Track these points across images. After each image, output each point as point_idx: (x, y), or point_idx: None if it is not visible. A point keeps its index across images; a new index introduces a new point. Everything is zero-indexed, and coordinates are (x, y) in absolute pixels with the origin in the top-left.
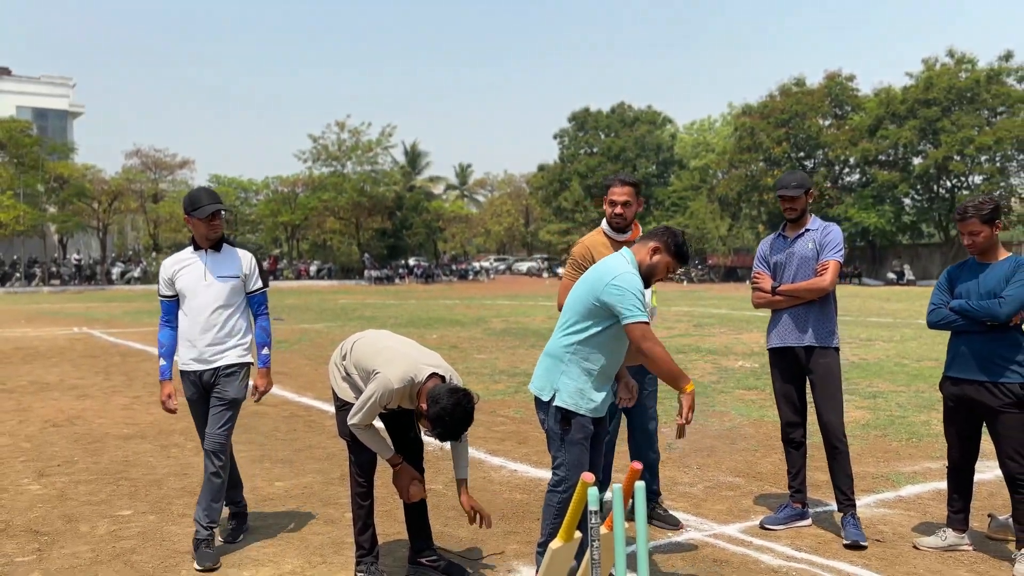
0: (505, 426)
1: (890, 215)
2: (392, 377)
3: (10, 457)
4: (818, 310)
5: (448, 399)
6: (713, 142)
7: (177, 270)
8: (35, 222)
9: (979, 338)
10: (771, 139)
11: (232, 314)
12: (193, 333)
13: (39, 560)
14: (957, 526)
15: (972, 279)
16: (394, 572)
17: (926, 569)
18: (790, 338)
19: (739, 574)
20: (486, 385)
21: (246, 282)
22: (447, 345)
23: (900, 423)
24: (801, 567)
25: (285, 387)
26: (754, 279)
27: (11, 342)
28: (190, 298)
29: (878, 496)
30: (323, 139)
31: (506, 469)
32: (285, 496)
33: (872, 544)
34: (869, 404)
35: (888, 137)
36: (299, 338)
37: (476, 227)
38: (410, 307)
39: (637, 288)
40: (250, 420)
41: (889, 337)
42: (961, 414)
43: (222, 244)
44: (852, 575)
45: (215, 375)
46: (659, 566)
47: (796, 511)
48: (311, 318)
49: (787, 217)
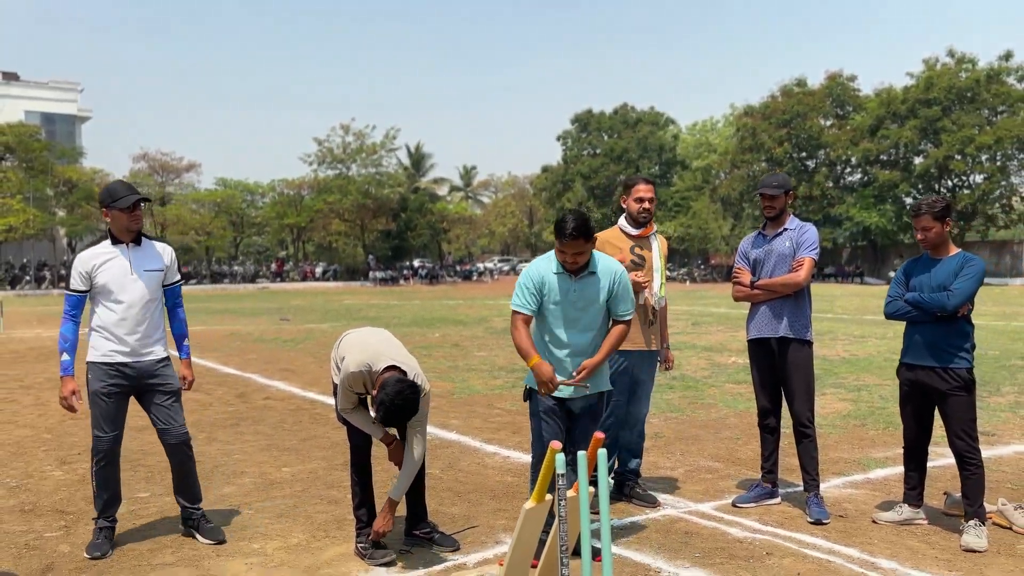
0: (501, 418)
1: (891, 214)
2: (351, 362)
3: (33, 447)
4: (793, 304)
5: (393, 387)
6: (715, 142)
7: (98, 264)
8: (44, 226)
9: (931, 328)
10: (773, 139)
11: (157, 307)
12: (122, 328)
13: (66, 535)
14: (912, 501)
15: (925, 273)
16: (391, 544)
17: (881, 540)
18: (766, 330)
19: (707, 544)
20: (485, 380)
21: (166, 274)
22: (449, 343)
23: (879, 414)
24: (765, 538)
25: (292, 383)
26: (735, 275)
27: (26, 342)
28: (117, 293)
29: (847, 478)
30: (328, 142)
31: (499, 455)
32: (292, 480)
33: (835, 519)
34: (852, 396)
35: (889, 137)
36: (305, 337)
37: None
38: (414, 307)
39: (523, 280)
40: (258, 413)
41: (883, 334)
42: (915, 397)
43: (141, 237)
44: (812, 544)
45: (147, 368)
46: (633, 538)
47: (766, 490)
48: (316, 318)
49: (766, 215)
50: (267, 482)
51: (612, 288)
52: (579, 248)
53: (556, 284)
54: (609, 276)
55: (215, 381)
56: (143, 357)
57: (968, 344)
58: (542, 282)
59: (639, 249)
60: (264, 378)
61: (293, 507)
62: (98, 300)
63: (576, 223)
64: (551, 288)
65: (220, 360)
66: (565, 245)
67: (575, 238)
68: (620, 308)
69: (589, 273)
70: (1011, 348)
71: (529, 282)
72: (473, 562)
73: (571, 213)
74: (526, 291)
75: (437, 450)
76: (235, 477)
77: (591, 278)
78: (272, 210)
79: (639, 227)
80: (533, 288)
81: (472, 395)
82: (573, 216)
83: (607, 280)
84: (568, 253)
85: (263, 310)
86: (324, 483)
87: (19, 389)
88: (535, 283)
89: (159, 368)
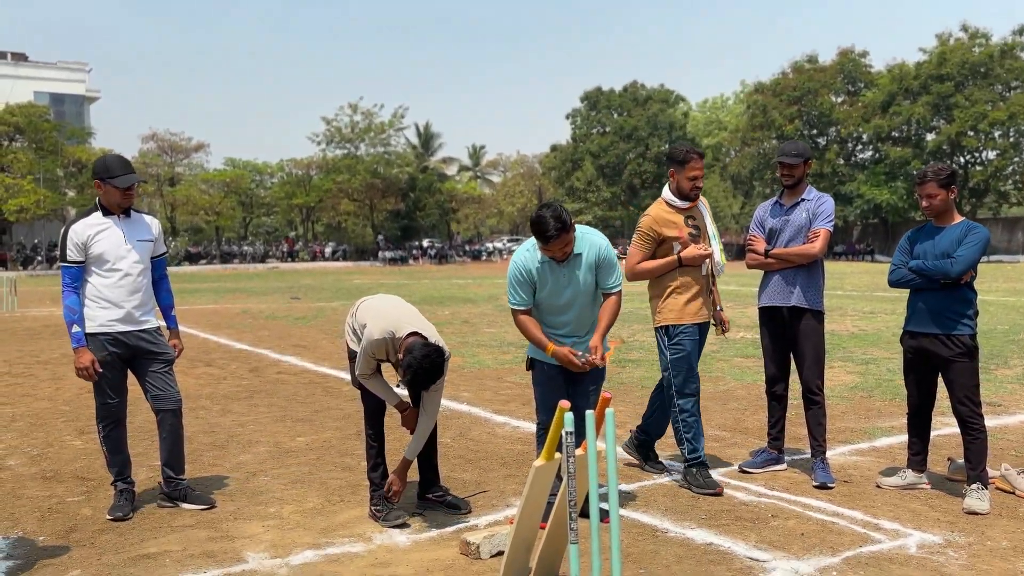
0: (511, 390)
1: (902, 191)
2: (374, 329)
3: (52, 418)
4: (806, 274)
5: (420, 351)
6: (725, 120)
7: (92, 235)
8: (55, 206)
9: (934, 295)
10: (783, 116)
11: (148, 277)
12: (119, 296)
13: (87, 499)
14: (916, 467)
15: (929, 241)
16: (404, 507)
17: (884, 503)
18: (778, 298)
19: (713, 507)
20: (495, 355)
21: (155, 245)
22: (459, 320)
23: (887, 385)
24: (771, 502)
25: (304, 358)
26: (749, 241)
27: (40, 320)
28: (112, 262)
29: (853, 446)
30: (336, 121)
31: (509, 426)
32: (306, 449)
33: (839, 484)
34: (860, 369)
35: (901, 113)
36: (316, 315)
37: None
38: (423, 286)
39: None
40: (271, 386)
41: (892, 310)
42: (918, 364)
43: (130, 210)
44: (817, 508)
45: (143, 336)
46: (641, 501)
47: (772, 456)
48: (327, 296)
49: (784, 183)
50: (282, 451)
51: (598, 262)
52: (564, 242)
53: (545, 273)
54: (595, 251)
55: (228, 356)
56: (140, 324)
57: (971, 311)
58: (531, 274)
59: (692, 220)
60: (276, 353)
61: (308, 474)
62: (92, 271)
63: (556, 223)
64: (541, 278)
65: (233, 337)
66: (551, 246)
67: (558, 236)
68: (609, 281)
69: (575, 255)
70: (1020, 323)
71: (519, 277)
72: (483, 524)
73: (545, 210)
74: (518, 287)
75: (448, 420)
76: (250, 446)
77: (576, 259)
78: (281, 190)
79: (687, 201)
80: (525, 282)
81: (482, 368)
82: (550, 213)
83: (593, 255)
84: (555, 250)
85: (274, 289)
86: (338, 451)
87: (36, 364)
88: (525, 277)
89: (154, 337)
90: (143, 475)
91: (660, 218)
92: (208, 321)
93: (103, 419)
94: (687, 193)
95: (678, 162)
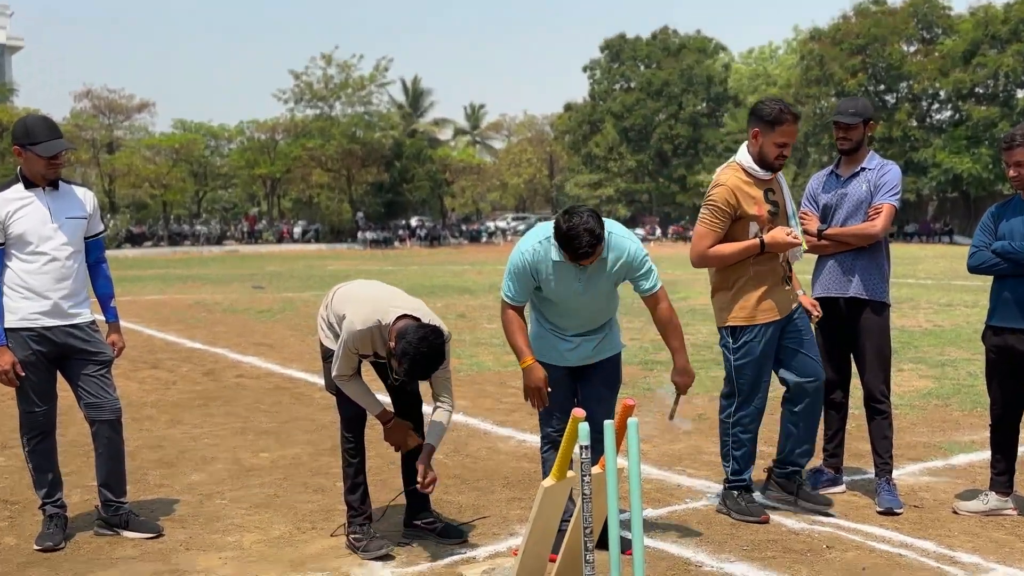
0: (515, 397)
1: (987, 160)
2: (355, 319)
3: None
4: (867, 258)
5: (414, 333)
6: (775, 73)
7: (12, 211)
8: None
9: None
10: (844, 69)
11: (81, 261)
12: (44, 283)
13: (11, 526)
14: (1000, 489)
15: (1017, 218)
16: (389, 536)
17: (961, 532)
18: (834, 288)
19: (757, 536)
20: (496, 356)
21: (89, 223)
22: (454, 314)
23: (967, 392)
24: (826, 530)
25: (269, 359)
26: (800, 219)
27: None
28: (36, 243)
29: (925, 464)
30: (306, 75)
31: (514, 440)
32: (271, 467)
33: (908, 510)
34: (935, 373)
35: (986, 65)
36: (283, 308)
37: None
38: (411, 274)
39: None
40: (230, 392)
41: (974, 302)
42: (1004, 366)
43: (58, 181)
44: (881, 537)
45: (74, 332)
46: (670, 528)
47: (828, 476)
48: (296, 286)
49: (840, 148)
50: (242, 469)
51: (626, 272)
52: (596, 255)
53: (560, 273)
54: (622, 260)
55: (179, 357)
56: (70, 318)
57: None
58: (538, 270)
59: (772, 195)
60: (236, 353)
61: (273, 496)
62: (12, 254)
63: (590, 237)
64: (552, 277)
65: (184, 333)
66: (582, 262)
67: (593, 252)
68: (646, 284)
69: (601, 259)
70: None
71: (523, 269)
72: (483, 555)
73: (575, 220)
74: (518, 280)
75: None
76: (204, 464)
77: (600, 263)
78: (241, 158)
79: (770, 171)
80: (529, 276)
81: (481, 372)
82: (583, 226)
83: (619, 265)
84: (584, 262)
85: (233, 276)
86: (309, 470)
87: None
88: (531, 271)
89: (87, 333)
90: (76, 497)
91: (740, 189)
92: (154, 315)
93: (28, 431)
94: (771, 162)
95: (767, 122)
